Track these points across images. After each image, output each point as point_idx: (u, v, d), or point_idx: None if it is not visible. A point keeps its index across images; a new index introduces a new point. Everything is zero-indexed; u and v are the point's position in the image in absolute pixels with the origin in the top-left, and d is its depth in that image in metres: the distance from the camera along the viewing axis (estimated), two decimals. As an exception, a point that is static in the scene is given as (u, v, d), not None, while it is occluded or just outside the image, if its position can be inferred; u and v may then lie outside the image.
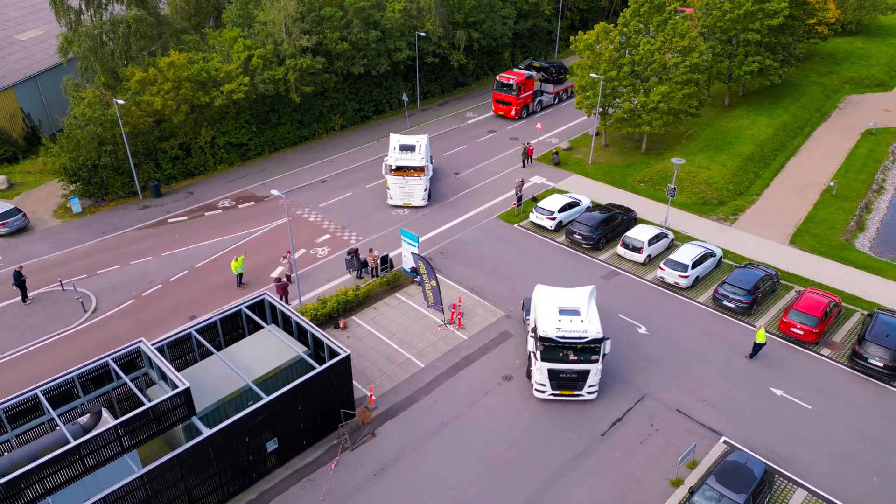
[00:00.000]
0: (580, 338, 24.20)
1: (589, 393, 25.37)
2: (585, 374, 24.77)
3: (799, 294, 30.80)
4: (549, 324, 24.62)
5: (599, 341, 24.28)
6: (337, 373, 23.35)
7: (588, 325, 24.52)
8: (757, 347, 27.96)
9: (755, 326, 29.84)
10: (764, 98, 57.20)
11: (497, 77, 54.44)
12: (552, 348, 24.39)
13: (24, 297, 31.81)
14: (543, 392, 25.32)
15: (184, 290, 32.88)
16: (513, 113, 54.17)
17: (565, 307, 25.44)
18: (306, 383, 22.32)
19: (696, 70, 45.21)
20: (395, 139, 41.61)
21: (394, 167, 39.84)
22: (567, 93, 59.48)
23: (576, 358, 24.43)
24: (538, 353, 24.64)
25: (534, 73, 55.71)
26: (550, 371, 24.72)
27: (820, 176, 45.37)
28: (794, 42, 55.09)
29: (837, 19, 68.55)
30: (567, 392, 25.21)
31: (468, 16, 58.15)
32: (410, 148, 40.42)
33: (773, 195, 42.76)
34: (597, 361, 24.55)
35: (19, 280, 31.38)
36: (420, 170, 39.90)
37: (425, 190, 40.14)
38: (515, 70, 55.85)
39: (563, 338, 24.21)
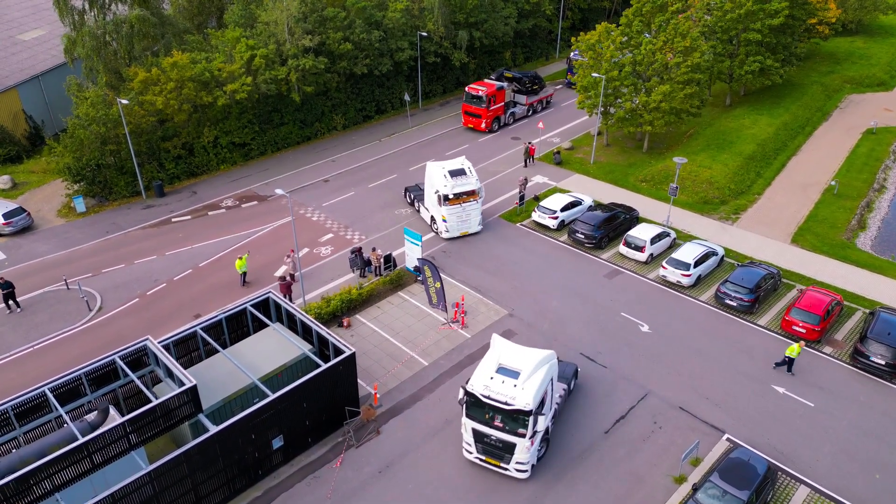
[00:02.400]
0: (505, 403, 21.11)
1: (518, 470, 22.17)
2: (511, 446, 21.65)
3: (801, 293, 30.91)
4: (480, 378, 21.94)
5: (527, 414, 21.05)
6: (342, 371, 23.48)
7: (519, 393, 21.21)
8: (791, 362, 27.05)
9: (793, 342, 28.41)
10: (765, 97, 57.33)
11: (466, 88, 51.95)
12: (476, 406, 21.75)
13: (11, 305, 31.05)
14: (470, 453, 22.74)
15: (188, 289, 33.02)
16: (483, 126, 51.57)
17: (506, 366, 22.14)
18: (311, 381, 22.44)
19: (698, 70, 45.34)
20: (437, 167, 37.02)
21: (451, 195, 35.86)
22: (542, 104, 56.94)
23: (501, 425, 21.55)
24: (463, 408, 22.30)
25: (505, 83, 53.31)
26: (475, 431, 22.11)
27: (821, 175, 45.50)
28: (794, 42, 55.24)
29: (838, 19, 68.67)
30: (492, 461, 22.34)
31: (470, 15, 58.27)
32: (461, 172, 36.57)
33: (775, 194, 42.89)
34: (524, 436, 21.35)
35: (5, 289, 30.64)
36: (475, 193, 36.47)
37: (480, 214, 37.52)
38: (486, 81, 53.05)
39: (487, 397, 21.35)
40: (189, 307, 31.54)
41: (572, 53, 61.46)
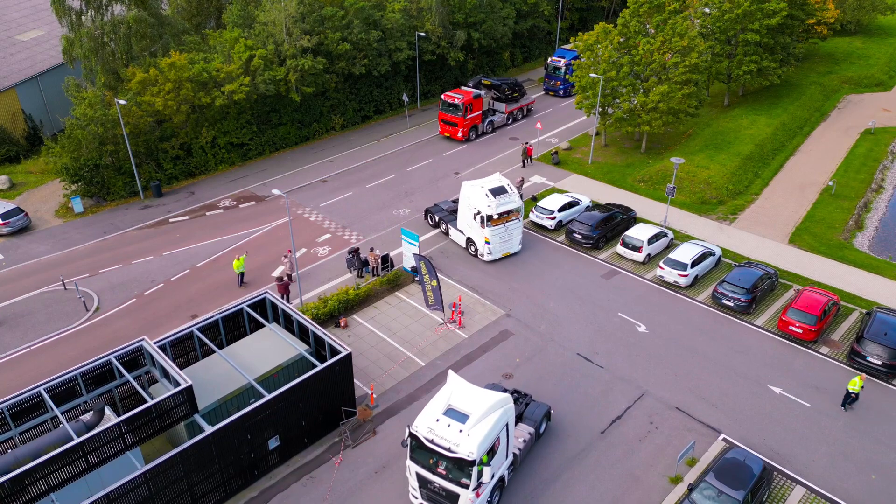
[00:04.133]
0: (448, 450, 19.42)
1: None
2: (454, 497, 19.89)
3: (798, 293, 30.92)
4: (425, 419, 20.25)
5: (469, 463, 19.21)
6: (338, 371, 23.49)
7: (463, 439, 19.37)
8: (848, 395, 25.35)
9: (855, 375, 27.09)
10: (763, 98, 57.34)
11: (442, 96, 50.62)
12: (419, 449, 20.21)
13: None
14: (416, 498, 21.12)
15: (185, 290, 33.01)
16: (459, 135, 49.91)
17: (456, 408, 20.40)
18: (308, 381, 22.45)
19: (696, 70, 45.33)
20: (475, 186, 34.59)
21: (495, 216, 33.79)
22: (523, 112, 55.13)
23: (444, 472, 19.88)
24: (407, 450, 20.80)
25: (483, 91, 51.44)
26: (419, 476, 20.53)
27: (819, 175, 45.51)
28: (793, 42, 55.20)
29: (837, 19, 68.61)
30: None
31: (468, 16, 58.29)
32: (502, 190, 34.17)
33: (773, 194, 42.90)
34: (467, 487, 19.54)
35: None
36: (516, 211, 34.56)
37: (521, 233, 35.73)
38: (463, 88, 51.52)
39: (430, 441, 19.75)
40: (186, 307, 31.54)
41: (549, 59, 61.00)
